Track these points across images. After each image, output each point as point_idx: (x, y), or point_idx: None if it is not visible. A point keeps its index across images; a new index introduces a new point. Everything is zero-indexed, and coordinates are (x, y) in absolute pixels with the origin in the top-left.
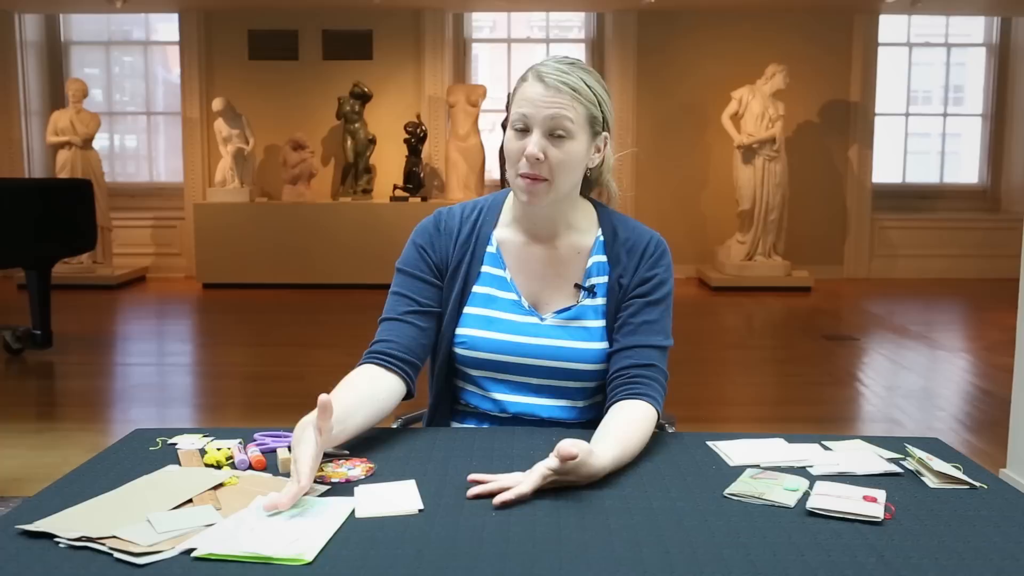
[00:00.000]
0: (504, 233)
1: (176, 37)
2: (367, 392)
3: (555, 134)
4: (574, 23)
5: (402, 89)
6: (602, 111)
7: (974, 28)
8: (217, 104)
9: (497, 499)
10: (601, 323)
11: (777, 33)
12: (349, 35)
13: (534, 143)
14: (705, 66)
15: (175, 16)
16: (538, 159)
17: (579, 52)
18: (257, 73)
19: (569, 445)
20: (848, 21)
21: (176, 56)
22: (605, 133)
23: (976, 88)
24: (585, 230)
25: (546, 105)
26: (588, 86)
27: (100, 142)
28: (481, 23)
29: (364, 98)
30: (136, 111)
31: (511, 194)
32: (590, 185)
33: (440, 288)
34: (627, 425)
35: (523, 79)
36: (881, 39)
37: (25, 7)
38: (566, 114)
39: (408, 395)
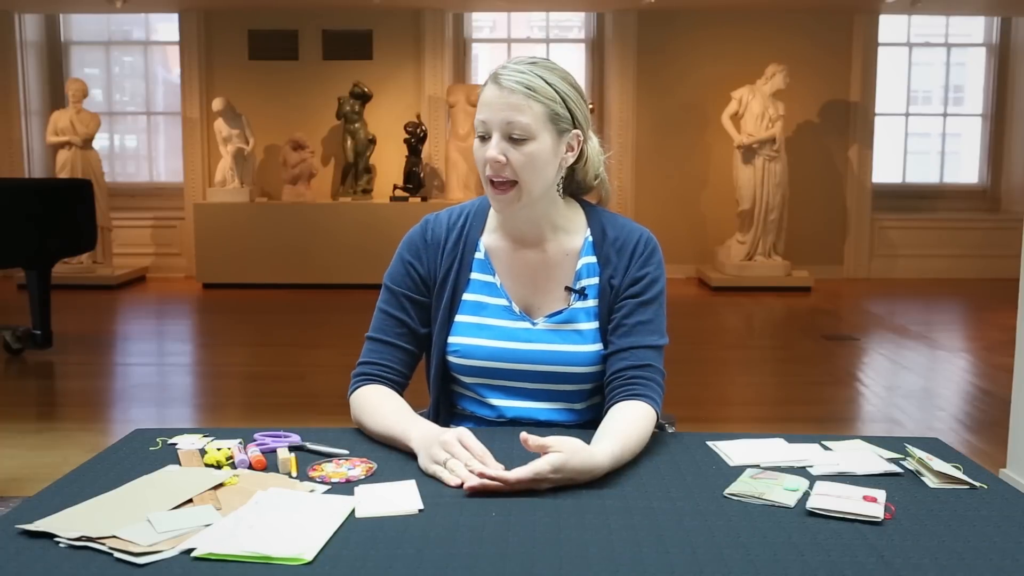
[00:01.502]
0: (491, 238)
1: (176, 37)
2: (404, 404)
3: (513, 136)
4: (574, 23)
5: (402, 89)
6: (568, 108)
7: (974, 28)
8: (217, 104)
9: (470, 482)
10: (594, 325)
11: (777, 33)
12: (349, 35)
13: (493, 146)
14: (705, 66)
15: (175, 16)
16: (499, 162)
17: (579, 52)
18: (257, 73)
19: (541, 438)
20: (848, 21)
21: (176, 56)
22: (576, 131)
23: (976, 88)
24: (573, 231)
25: (501, 108)
26: (548, 83)
27: (100, 142)
28: (481, 23)
29: (364, 98)
30: (136, 111)
31: None
32: (582, 188)
33: (428, 305)
34: (626, 425)
35: (484, 83)
36: (881, 39)
37: (25, 7)
38: (521, 117)
39: None
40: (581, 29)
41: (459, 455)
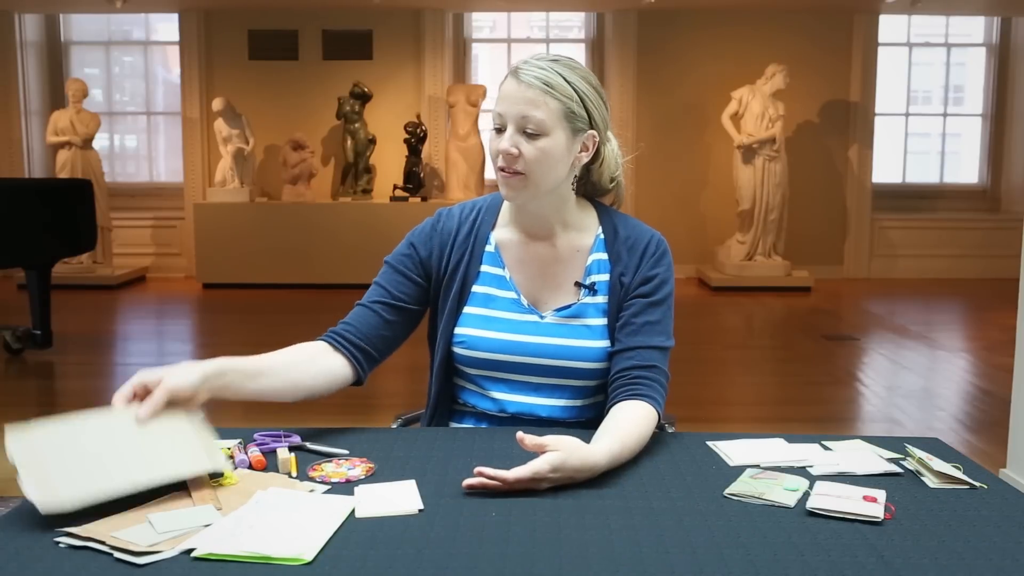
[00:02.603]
0: (503, 232)
1: (176, 37)
2: (300, 366)
3: (527, 131)
4: (574, 23)
5: (402, 89)
6: (586, 108)
7: (974, 28)
8: (217, 104)
9: (468, 480)
10: (602, 321)
11: (777, 33)
12: (349, 35)
13: (507, 138)
14: (705, 66)
15: (175, 16)
16: (511, 154)
17: (579, 52)
18: (257, 73)
19: (539, 438)
20: (848, 21)
21: (176, 56)
22: (591, 131)
23: (976, 88)
24: (585, 229)
25: (517, 101)
26: (568, 82)
27: (100, 142)
28: (481, 23)
29: (364, 98)
30: (136, 111)
31: None
32: (596, 189)
33: (422, 287)
34: (626, 424)
35: (505, 76)
36: (881, 39)
37: (25, 7)
38: (536, 112)
39: (357, 382)
40: (581, 29)
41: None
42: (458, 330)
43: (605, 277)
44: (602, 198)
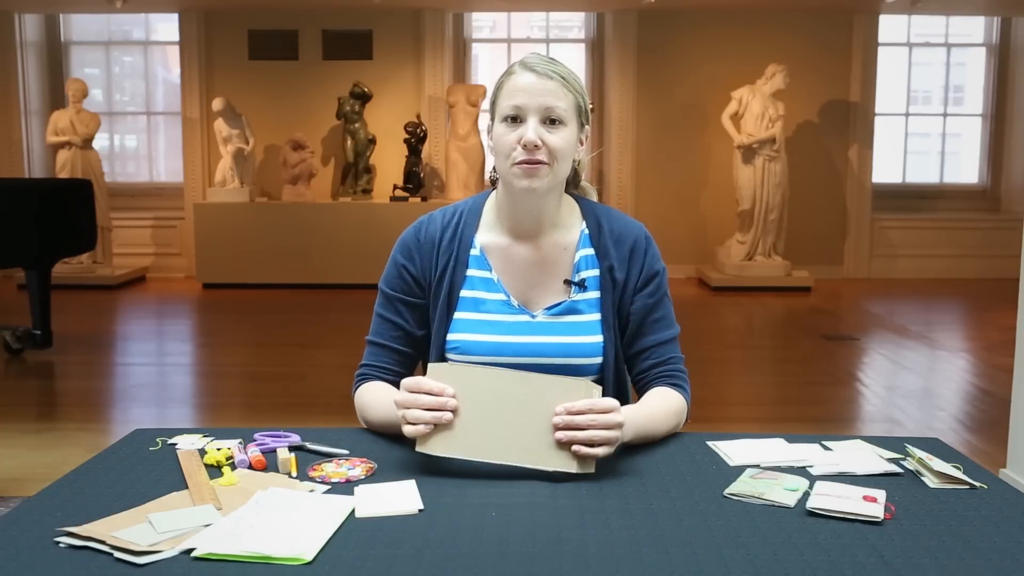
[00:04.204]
0: (487, 235)
1: (176, 37)
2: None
3: (550, 120)
4: (574, 23)
5: (402, 89)
6: (584, 104)
7: (974, 28)
8: (217, 104)
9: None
10: (596, 316)
11: (777, 33)
12: (349, 35)
13: (532, 129)
14: (705, 66)
15: (175, 16)
16: (537, 146)
17: (579, 52)
18: (257, 73)
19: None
20: (848, 21)
21: (176, 56)
22: (587, 126)
23: (976, 88)
24: (569, 226)
25: (540, 93)
26: (573, 78)
27: (100, 142)
28: (481, 23)
29: (364, 98)
30: (136, 111)
31: (491, 196)
32: (569, 184)
33: (423, 306)
34: (651, 399)
35: (509, 73)
36: (881, 39)
37: (25, 7)
38: (559, 102)
39: None
40: (581, 29)
41: (414, 402)
42: (450, 336)
43: (595, 272)
44: (570, 190)
